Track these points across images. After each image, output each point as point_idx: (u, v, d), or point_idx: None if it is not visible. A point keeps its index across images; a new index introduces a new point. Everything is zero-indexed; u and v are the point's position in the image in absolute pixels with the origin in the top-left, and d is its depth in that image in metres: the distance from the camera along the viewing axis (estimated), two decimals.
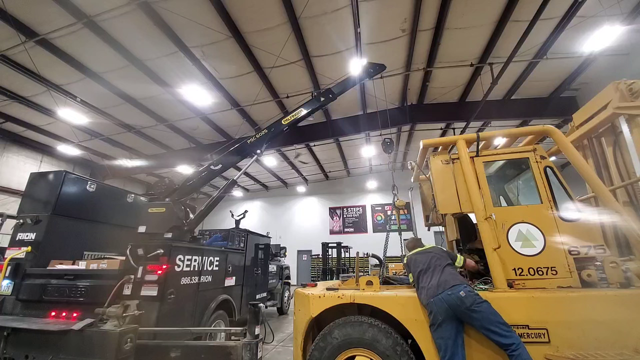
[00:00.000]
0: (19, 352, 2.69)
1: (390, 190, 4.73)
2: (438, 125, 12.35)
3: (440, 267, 2.62)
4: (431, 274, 2.59)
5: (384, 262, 4.50)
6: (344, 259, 13.51)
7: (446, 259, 2.74)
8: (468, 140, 3.14)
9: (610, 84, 2.81)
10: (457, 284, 2.41)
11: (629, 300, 2.20)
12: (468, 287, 2.40)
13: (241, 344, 2.39)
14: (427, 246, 3.05)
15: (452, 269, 2.65)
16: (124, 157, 13.81)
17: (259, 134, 4.72)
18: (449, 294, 2.35)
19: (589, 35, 7.20)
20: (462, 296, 2.31)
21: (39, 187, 3.98)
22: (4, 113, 10.44)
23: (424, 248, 3.02)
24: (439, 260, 2.71)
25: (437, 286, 2.45)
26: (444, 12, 6.86)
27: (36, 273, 3.48)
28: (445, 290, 2.39)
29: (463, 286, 2.39)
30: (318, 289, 3.05)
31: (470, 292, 2.36)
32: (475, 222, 2.95)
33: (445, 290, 2.39)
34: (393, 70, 8.54)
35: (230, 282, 4.68)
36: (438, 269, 2.61)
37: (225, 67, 8.53)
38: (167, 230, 3.66)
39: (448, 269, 2.62)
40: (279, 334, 5.95)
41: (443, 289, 2.40)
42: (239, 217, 6.73)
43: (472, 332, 2.35)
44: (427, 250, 2.92)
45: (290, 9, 6.70)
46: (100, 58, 7.95)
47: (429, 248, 2.97)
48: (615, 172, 2.94)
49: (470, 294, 2.34)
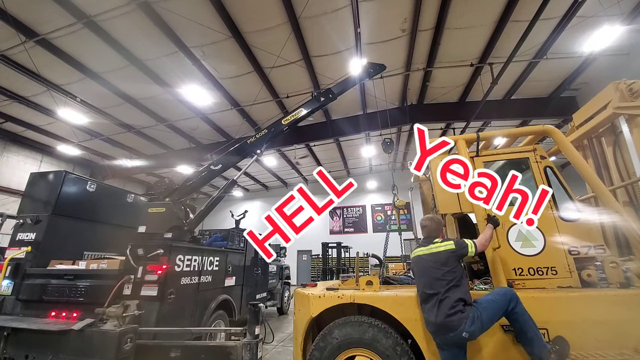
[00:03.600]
0: (19, 352, 2.69)
1: (390, 190, 4.73)
2: (438, 125, 12.34)
3: (439, 296, 2.27)
4: (429, 302, 2.32)
5: (384, 262, 4.51)
6: (344, 259, 13.51)
7: (451, 273, 2.32)
8: (468, 140, 3.14)
9: (610, 84, 2.82)
10: (458, 327, 2.14)
11: (629, 300, 2.20)
12: (469, 323, 2.14)
13: (241, 344, 2.39)
14: (436, 243, 2.51)
15: (453, 292, 2.26)
16: (124, 157, 13.81)
17: (259, 134, 4.72)
18: (451, 335, 2.18)
19: (589, 35, 7.20)
20: (466, 337, 2.15)
21: (39, 187, 3.99)
22: (4, 113, 10.44)
23: (430, 248, 2.51)
24: (439, 282, 2.32)
25: (437, 328, 2.24)
26: (444, 12, 6.85)
27: (36, 273, 3.48)
28: (447, 334, 2.20)
29: (465, 326, 2.14)
30: (318, 289, 3.04)
31: (471, 326, 2.14)
32: (475, 222, 2.94)
33: (447, 334, 2.20)
34: (393, 70, 8.53)
35: (230, 282, 4.68)
36: (436, 297, 2.28)
37: (225, 67, 8.53)
38: (167, 230, 3.66)
39: (447, 298, 2.24)
40: (279, 334, 5.95)
41: (444, 333, 2.21)
42: (239, 217, 6.74)
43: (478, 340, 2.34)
44: (431, 254, 2.48)
45: (290, 9, 6.70)
46: (100, 58, 7.94)
47: (435, 249, 2.48)
48: (615, 172, 2.94)
49: (471, 328, 2.13)
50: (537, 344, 2.14)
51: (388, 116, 9.53)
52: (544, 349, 2.12)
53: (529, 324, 2.19)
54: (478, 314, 2.18)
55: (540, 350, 2.12)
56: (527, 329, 2.18)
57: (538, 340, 2.16)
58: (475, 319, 2.15)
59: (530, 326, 2.18)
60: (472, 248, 2.39)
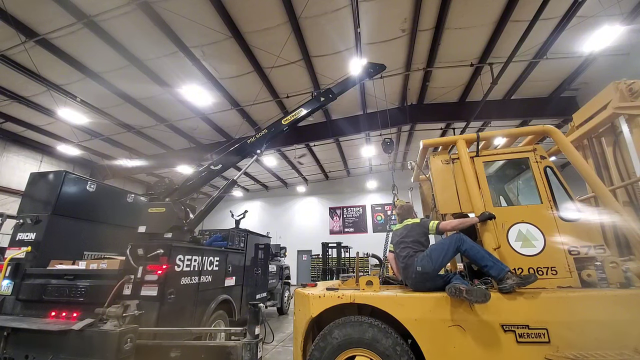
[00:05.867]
0: (19, 352, 2.69)
1: (390, 190, 4.73)
2: (438, 125, 12.35)
3: (407, 256, 2.85)
4: (401, 262, 2.92)
5: (384, 262, 4.50)
6: (344, 259, 13.50)
7: (415, 242, 2.90)
8: (468, 140, 3.14)
9: (610, 84, 2.81)
10: (412, 264, 2.73)
11: (629, 300, 2.19)
12: (419, 260, 2.70)
13: (241, 344, 2.39)
14: (406, 222, 3.18)
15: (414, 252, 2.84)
16: (124, 157, 13.81)
17: (259, 134, 4.72)
18: (413, 276, 2.72)
19: (589, 35, 7.20)
20: (420, 270, 2.65)
21: (39, 187, 3.98)
22: (4, 113, 10.44)
23: (403, 223, 3.19)
24: (406, 246, 2.92)
25: (405, 276, 2.86)
26: (444, 12, 6.86)
27: (36, 273, 3.48)
28: (410, 275, 2.76)
29: (417, 262, 2.70)
30: (318, 289, 3.04)
31: (421, 261, 2.67)
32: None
33: (410, 275, 2.76)
34: (393, 70, 8.54)
35: (230, 282, 4.68)
36: (403, 257, 2.89)
37: (225, 67, 8.53)
38: (167, 230, 3.66)
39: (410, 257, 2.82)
40: (279, 334, 5.95)
41: (408, 276, 2.82)
42: (239, 217, 6.73)
43: (474, 334, 2.35)
44: (403, 227, 3.12)
45: (290, 9, 6.70)
46: (100, 58, 7.95)
47: (405, 223, 3.15)
48: (615, 172, 2.94)
49: (422, 263, 2.66)
50: (496, 268, 2.45)
51: (388, 116, 9.53)
52: (501, 271, 2.42)
53: (481, 253, 2.56)
54: (428, 252, 2.73)
55: (498, 272, 2.43)
56: (481, 259, 2.54)
57: (496, 265, 2.46)
58: (425, 256, 2.70)
59: (483, 256, 2.54)
60: (433, 225, 2.91)
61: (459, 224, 2.82)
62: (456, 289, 2.33)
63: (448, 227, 2.88)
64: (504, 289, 2.35)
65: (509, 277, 2.37)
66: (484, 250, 2.60)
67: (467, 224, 2.80)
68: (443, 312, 2.43)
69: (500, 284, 2.39)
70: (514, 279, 2.35)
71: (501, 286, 2.37)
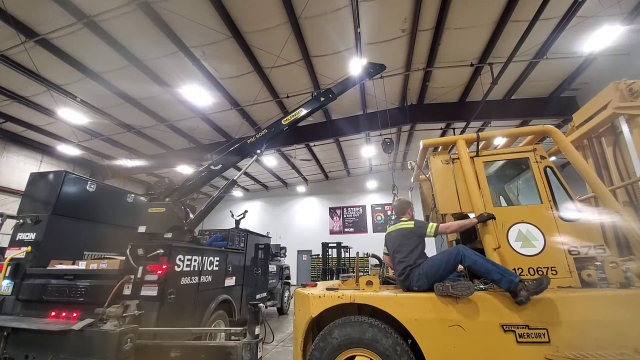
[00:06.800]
0: (19, 352, 2.69)
1: (390, 190, 4.73)
2: (438, 125, 12.35)
3: (400, 262, 2.81)
4: (395, 266, 2.87)
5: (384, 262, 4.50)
6: (344, 259, 13.49)
7: (407, 247, 2.82)
8: (468, 140, 3.14)
9: (610, 84, 2.81)
10: (409, 284, 2.68)
11: (629, 300, 2.19)
12: (415, 279, 2.63)
13: (241, 344, 2.39)
14: (402, 221, 3.07)
15: (407, 259, 2.78)
16: (124, 157, 13.81)
17: (259, 134, 4.72)
18: (409, 290, 2.70)
19: (589, 35, 7.20)
20: (417, 290, 2.62)
21: (39, 187, 3.98)
22: (4, 113, 10.44)
23: (398, 225, 3.05)
24: (399, 252, 2.86)
25: (402, 285, 2.79)
26: (444, 12, 6.86)
27: (36, 273, 3.48)
28: (406, 289, 2.73)
29: (413, 282, 2.64)
30: (318, 289, 3.04)
31: (418, 282, 2.61)
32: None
33: (406, 289, 2.73)
34: (393, 70, 8.54)
35: (230, 282, 4.68)
36: (396, 262, 2.84)
37: (225, 67, 8.53)
38: (167, 230, 3.66)
39: (402, 263, 2.78)
40: (279, 334, 5.95)
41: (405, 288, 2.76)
42: (239, 217, 6.73)
43: (474, 334, 2.35)
44: (397, 230, 3.01)
45: (290, 9, 6.70)
46: (100, 58, 7.95)
47: (399, 226, 3.02)
48: (615, 172, 2.94)
49: (418, 283, 2.61)
50: (505, 281, 2.29)
51: (388, 116, 9.53)
52: (512, 283, 2.26)
53: (485, 267, 2.41)
54: (424, 271, 2.61)
55: (509, 284, 2.27)
56: (486, 273, 2.40)
57: (505, 277, 2.30)
58: (420, 276, 2.61)
59: (488, 269, 2.39)
60: (432, 229, 2.76)
61: (459, 227, 2.77)
62: (443, 286, 2.37)
63: (447, 231, 2.84)
64: (520, 303, 2.23)
65: (522, 289, 2.23)
66: (488, 261, 2.45)
67: (467, 226, 2.77)
68: (443, 312, 2.42)
69: (516, 298, 2.24)
70: (529, 288, 2.22)
71: (517, 300, 2.23)
